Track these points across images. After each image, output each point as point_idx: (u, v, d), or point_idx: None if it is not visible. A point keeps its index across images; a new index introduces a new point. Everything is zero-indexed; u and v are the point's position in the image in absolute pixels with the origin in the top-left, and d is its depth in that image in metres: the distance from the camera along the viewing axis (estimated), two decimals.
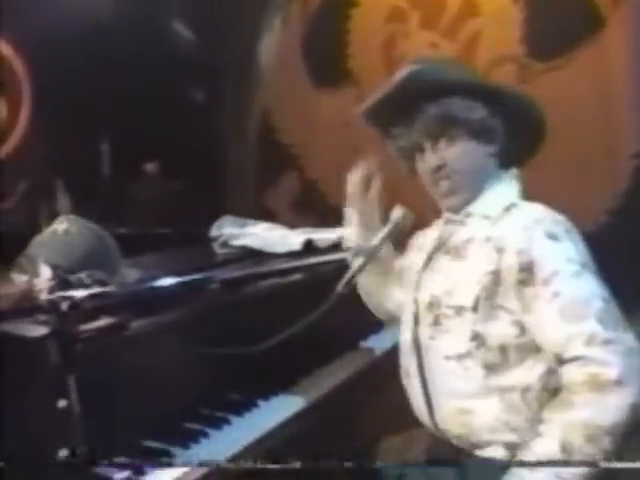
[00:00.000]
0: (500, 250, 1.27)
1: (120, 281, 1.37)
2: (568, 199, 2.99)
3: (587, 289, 1.21)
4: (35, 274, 1.28)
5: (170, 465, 1.14)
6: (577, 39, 3.13)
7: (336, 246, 2.07)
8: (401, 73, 1.36)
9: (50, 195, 3.90)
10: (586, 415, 1.13)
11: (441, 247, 1.42)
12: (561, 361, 1.18)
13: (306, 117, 3.93)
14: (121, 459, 1.10)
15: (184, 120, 3.86)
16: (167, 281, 1.37)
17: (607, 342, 1.14)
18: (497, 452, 1.27)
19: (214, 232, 2.22)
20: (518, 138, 1.41)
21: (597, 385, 1.12)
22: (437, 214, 1.49)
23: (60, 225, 1.37)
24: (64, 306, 0.96)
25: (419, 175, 1.44)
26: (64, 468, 0.96)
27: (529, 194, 1.43)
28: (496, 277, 1.26)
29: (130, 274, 1.43)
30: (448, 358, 1.30)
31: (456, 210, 1.41)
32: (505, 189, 1.40)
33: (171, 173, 4.07)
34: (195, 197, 3.85)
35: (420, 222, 1.55)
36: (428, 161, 1.38)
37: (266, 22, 4.01)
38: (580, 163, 2.95)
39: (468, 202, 1.39)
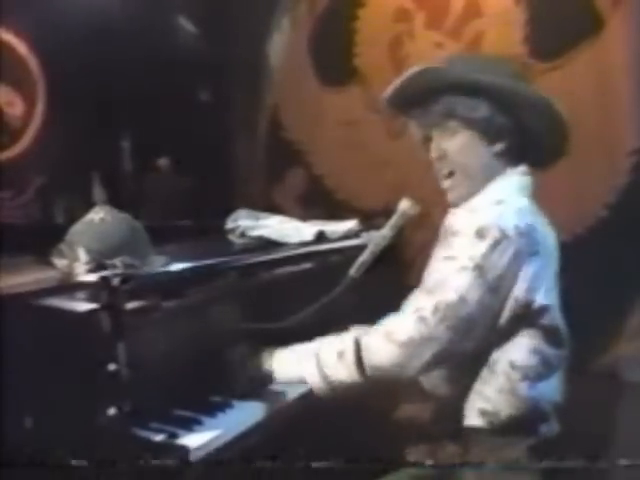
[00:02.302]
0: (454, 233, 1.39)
1: (150, 266, 1.49)
2: (569, 194, 3.11)
3: (460, 284, 1.31)
4: (74, 258, 1.39)
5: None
6: (578, 39, 3.20)
7: (345, 238, 2.18)
8: (408, 72, 1.45)
9: (64, 190, 4.02)
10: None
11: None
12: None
13: (313, 115, 4.00)
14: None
15: (194, 118, 3.95)
16: (194, 266, 1.48)
17: (420, 320, 1.29)
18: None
19: (229, 224, 2.32)
20: (534, 136, 1.44)
21: (389, 337, 1.31)
22: (441, 206, 1.57)
23: (96, 214, 1.48)
24: (115, 281, 1.07)
25: None
26: (108, 429, 1.07)
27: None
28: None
29: (159, 260, 1.54)
30: None
31: (455, 205, 1.48)
32: (503, 185, 1.44)
33: (183, 169, 4.16)
34: (205, 192, 3.93)
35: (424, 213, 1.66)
36: (432, 150, 1.47)
37: (275, 22, 4.09)
38: (581, 159, 3.03)
39: (466, 198, 1.45)
